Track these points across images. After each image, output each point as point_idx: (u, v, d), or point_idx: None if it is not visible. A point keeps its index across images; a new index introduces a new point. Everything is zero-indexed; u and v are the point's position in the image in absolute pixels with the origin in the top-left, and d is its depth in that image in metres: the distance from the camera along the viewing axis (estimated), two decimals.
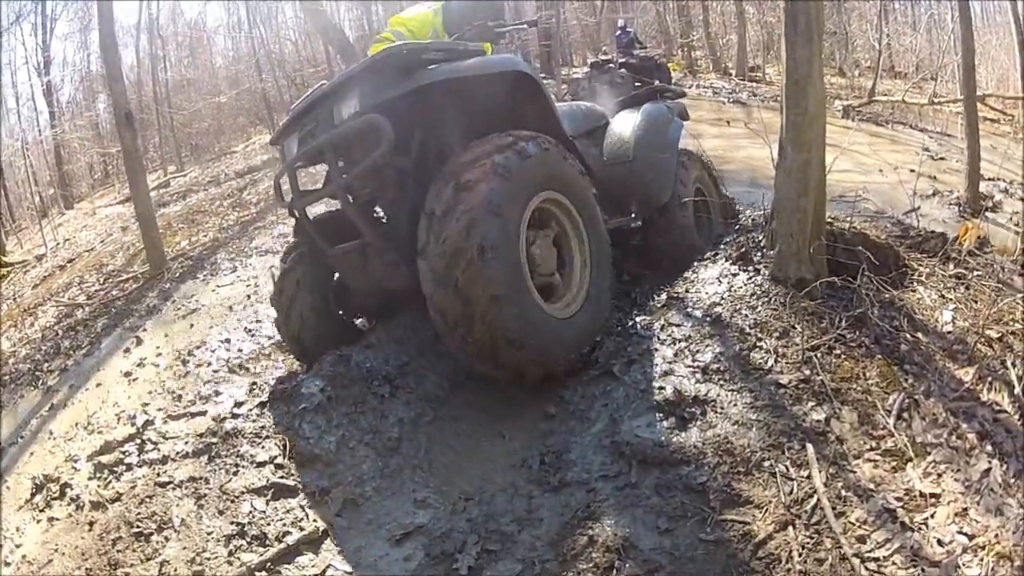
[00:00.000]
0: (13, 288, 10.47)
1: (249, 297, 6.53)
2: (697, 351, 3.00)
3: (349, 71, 3.69)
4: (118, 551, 3.07)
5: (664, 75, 6.73)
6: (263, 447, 3.53)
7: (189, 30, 28.88)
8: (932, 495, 2.10)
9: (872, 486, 2.19)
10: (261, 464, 3.41)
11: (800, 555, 2.01)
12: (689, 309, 3.34)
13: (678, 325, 3.25)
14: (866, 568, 1.92)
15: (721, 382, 2.78)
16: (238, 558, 2.87)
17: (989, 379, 2.50)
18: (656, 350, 3.13)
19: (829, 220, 3.38)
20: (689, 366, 2.92)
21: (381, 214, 4.41)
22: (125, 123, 8.84)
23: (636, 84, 6.01)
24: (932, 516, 2.03)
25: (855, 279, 3.03)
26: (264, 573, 2.77)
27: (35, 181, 20.98)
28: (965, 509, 2.04)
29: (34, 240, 15.17)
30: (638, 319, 3.50)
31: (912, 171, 3.95)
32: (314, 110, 3.79)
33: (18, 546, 3.49)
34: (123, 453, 3.94)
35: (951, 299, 3.06)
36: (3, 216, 17.99)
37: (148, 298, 7.26)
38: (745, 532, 2.17)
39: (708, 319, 3.18)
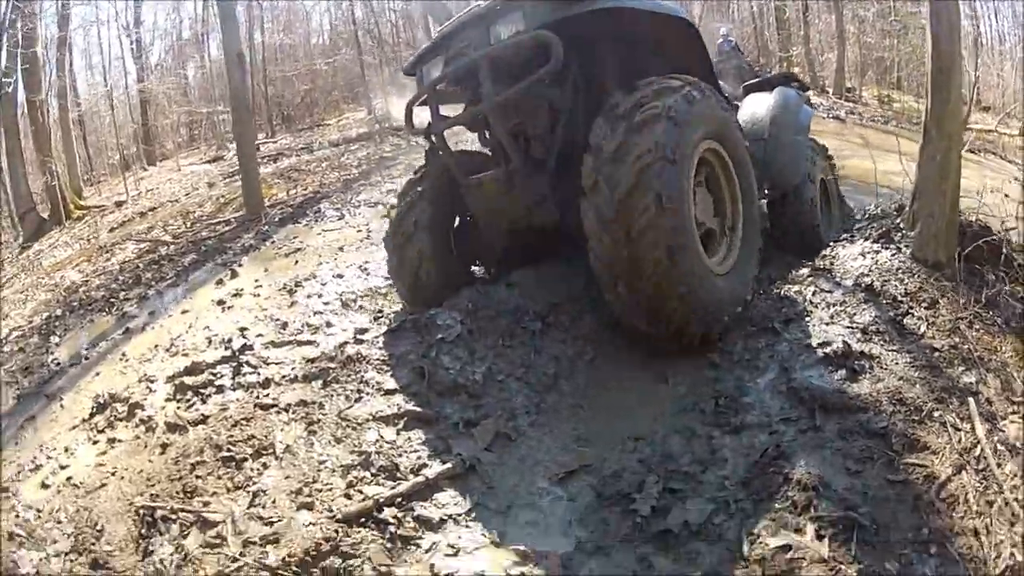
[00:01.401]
0: (88, 229, 10.72)
1: (362, 241, 6.42)
2: (854, 313, 3.31)
3: None
4: (197, 476, 2.75)
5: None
6: (392, 375, 3.25)
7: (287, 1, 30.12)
8: None
9: (1018, 444, 2.49)
10: (390, 392, 3.13)
11: (975, 497, 2.25)
12: (837, 278, 3.69)
13: (829, 291, 3.57)
14: (1019, 511, 2.19)
15: (881, 342, 3.07)
16: (360, 491, 2.53)
17: None
18: (811, 312, 3.41)
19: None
20: (848, 326, 3.21)
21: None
22: (236, 63, 9.16)
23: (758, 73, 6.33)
24: None
25: (979, 266, 3.58)
26: (393, 509, 2.44)
27: (118, 134, 21.89)
28: None
29: (114, 189, 15.68)
30: (784, 287, 3.78)
31: (1007, 196, 4.25)
32: (465, 31, 3.86)
33: (63, 467, 3.22)
34: (213, 375, 3.67)
35: None
36: (81, 162, 18.69)
37: (243, 238, 7.19)
38: (928, 475, 2.35)
39: (859, 287, 3.51)
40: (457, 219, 4.52)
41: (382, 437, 2.81)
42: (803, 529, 2.19)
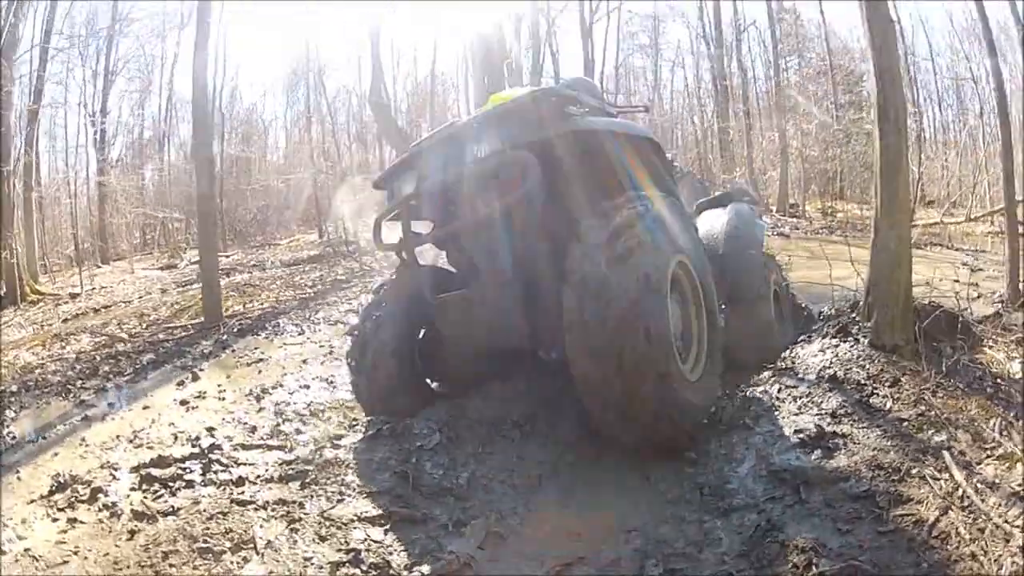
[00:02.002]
0: (43, 315, 10.37)
1: (326, 355, 6.37)
2: (821, 402, 3.47)
3: (491, 110, 3.82)
4: (171, 565, 2.65)
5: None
6: (374, 479, 3.22)
7: (247, 114, 30.75)
8: None
9: (998, 480, 2.62)
10: (374, 494, 3.09)
11: (965, 529, 2.40)
12: (800, 375, 3.85)
13: (794, 386, 3.70)
14: (1014, 530, 2.33)
15: (851, 422, 3.23)
16: None
17: None
18: (779, 406, 3.55)
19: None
20: (816, 413, 3.37)
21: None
22: (205, 166, 9.19)
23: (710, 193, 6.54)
24: None
25: (936, 343, 3.79)
26: None
27: (76, 225, 21.52)
28: None
29: (68, 281, 15.26)
30: (750, 390, 3.84)
31: (956, 281, 4.91)
32: (440, 148, 3.92)
33: (20, 538, 2.99)
34: (182, 469, 3.55)
35: (1016, 356, 3.80)
36: (38, 246, 18.21)
37: (202, 344, 7.04)
38: (916, 520, 2.49)
39: (823, 378, 3.68)
40: (422, 335, 4.47)
41: (369, 536, 2.75)
42: None
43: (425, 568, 2.55)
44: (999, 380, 3.53)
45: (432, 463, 3.31)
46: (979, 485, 2.62)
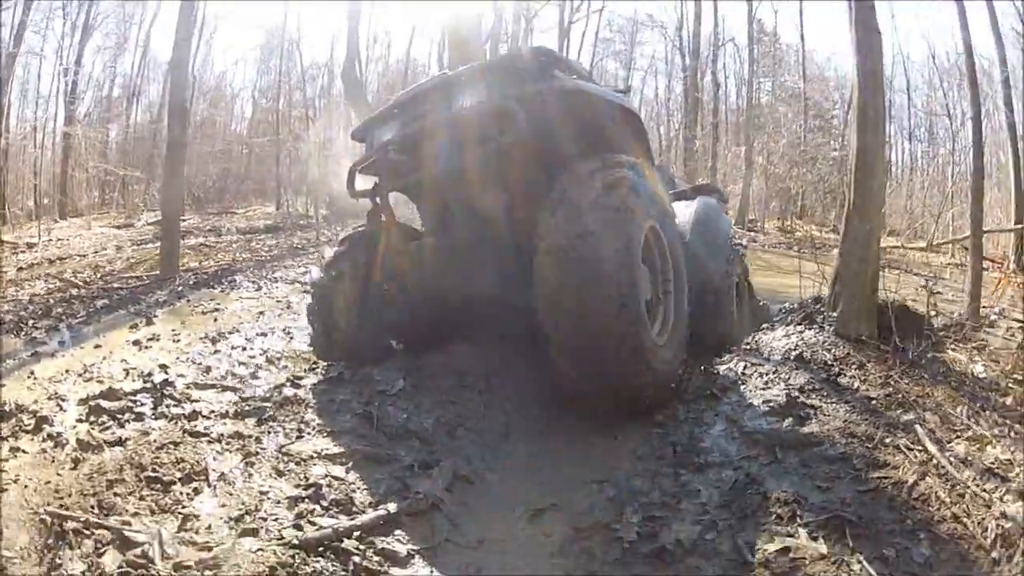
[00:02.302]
0: None
1: (283, 309, 6.24)
2: (788, 378, 3.50)
3: (478, 64, 3.91)
4: (115, 494, 2.46)
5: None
6: (334, 419, 3.09)
7: (217, 81, 30.12)
8: (1014, 462, 2.61)
9: (969, 458, 2.65)
10: (335, 433, 2.97)
11: (945, 494, 2.42)
12: (766, 355, 3.91)
13: (760, 364, 3.74)
14: (995, 498, 2.36)
15: (819, 397, 3.27)
16: (312, 522, 2.31)
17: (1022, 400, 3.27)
18: (746, 381, 3.58)
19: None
20: (784, 388, 3.37)
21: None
22: (178, 114, 9.00)
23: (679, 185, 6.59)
24: (1019, 473, 2.51)
25: (900, 339, 3.78)
26: (355, 541, 2.23)
27: (37, 175, 20.80)
28: None
29: (24, 231, 14.74)
30: (713, 367, 3.90)
31: (915, 300, 4.62)
32: (425, 98, 3.90)
33: None
34: (132, 402, 3.37)
35: (978, 360, 3.91)
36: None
37: (157, 294, 6.79)
38: (896, 481, 2.52)
39: (790, 358, 3.75)
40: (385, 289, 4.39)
41: (330, 473, 2.62)
42: (796, 534, 2.28)
43: (391, 506, 2.43)
44: (963, 377, 3.61)
45: (395, 407, 3.20)
46: (952, 459, 2.65)
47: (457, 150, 3.72)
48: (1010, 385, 3.55)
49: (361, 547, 2.19)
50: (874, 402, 3.20)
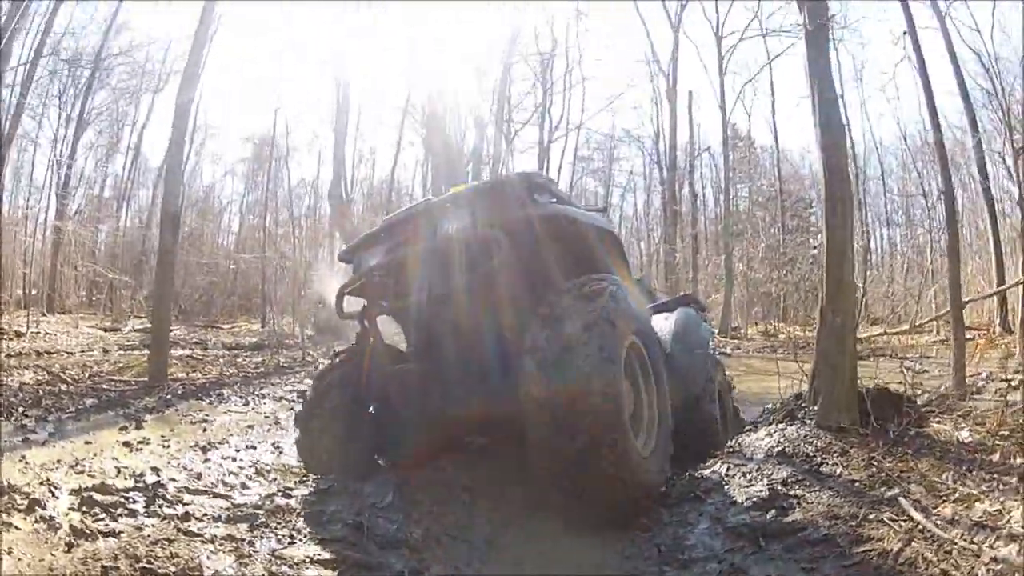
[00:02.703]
0: None
1: (272, 425, 6.31)
2: (771, 473, 3.62)
3: (463, 189, 4.03)
4: None
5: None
6: (325, 528, 3.18)
7: (206, 191, 30.89)
8: (1004, 511, 2.69)
9: (957, 517, 2.73)
10: (326, 540, 3.05)
11: (932, 554, 2.51)
12: (748, 454, 4.02)
13: (742, 464, 3.86)
14: (984, 547, 2.44)
15: (802, 487, 3.37)
16: None
17: (1010, 456, 3.32)
18: (729, 481, 3.70)
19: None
20: (767, 484, 3.50)
21: None
22: (170, 224, 9.13)
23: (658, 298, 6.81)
24: (1009, 519, 2.60)
25: (881, 422, 3.89)
26: None
27: (30, 267, 20.98)
28: None
29: (14, 321, 14.70)
30: (697, 472, 4.02)
31: (900, 383, 4.79)
32: (411, 224, 4.04)
33: None
34: (126, 498, 3.47)
35: (963, 426, 3.93)
36: None
37: (145, 400, 6.82)
38: (880, 552, 2.60)
39: (772, 455, 3.86)
40: (372, 408, 4.49)
41: None
42: None
43: None
44: (948, 445, 3.65)
45: (385, 519, 3.29)
46: (939, 522, 2.72)
47: (443, 276, 3.85)
48: (996, 443, 3.59)
49: None
50: (857, 484, 3.30)
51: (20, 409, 5.43)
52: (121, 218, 27.33)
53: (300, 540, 3.03)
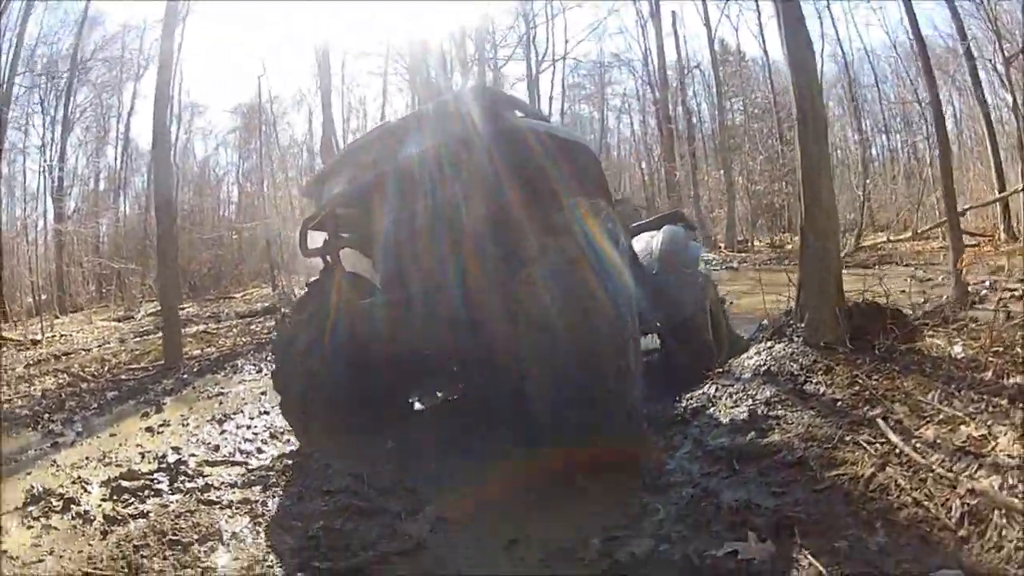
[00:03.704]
0: (6, 360, 10.29)
1: None
2: (755, 393, 3.65)
3: (426, 107, 3.88)
4: (142, 557, 2.83)
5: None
6: (331, 481, 3.46)
7: (200, 167, 30.91)
8: (991, 435, 2.58)
9: (940, 441, 2.65)
10: (332, 492, 3.33)
11: (905, 481, 2.46)
12: (736, 374, 4.04)
13: (730, 385, 3.91)
14: (962, 478, 2.36)
15: (784, 407, 3.38)
16: (315, 566, 2.66)
17: (1004, 373, 3.10)
18: (716, 403, 3.78)
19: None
20: (751, 404, 3.53)
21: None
22: (165, 208, 9.44)
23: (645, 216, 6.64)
24: (996, 445, 2.49)
25: (870, 339, 3.76)
26: None
27: (36, 273, 21.33)
28: (1021, 436, 2.49)
29: (28, 329, 15.05)
30: (689, 393, 4.10)
31: (903, 292, 4.83)
32: (372, 147, 3.89)
33: None
34: (151, 480, 3.79)
35: (957, 340, 3.72)
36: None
37: (164, 383, 7.19)
38: (853, 476, 2.61)
39: (758, 374, 3.86)
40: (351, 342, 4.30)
41: (330, 526, 2.96)
42: (745, 538, 2.40)
43: (380, 548, 2.76)
44: (939, 361, 3.50)
45: (384, 468, 3.56)
46: (918, 445, 2.66)
47: (406, 201, 3.76)
48: (989, 359, 3.38)
49: None
50: (840, 403, 3.25)
51: (46, 416, 5.73)
52: (120, 207, 27.40)
53: (308, 496, 3.31)
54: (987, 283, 8.17)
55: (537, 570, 2.55)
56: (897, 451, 2.67)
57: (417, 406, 5.01)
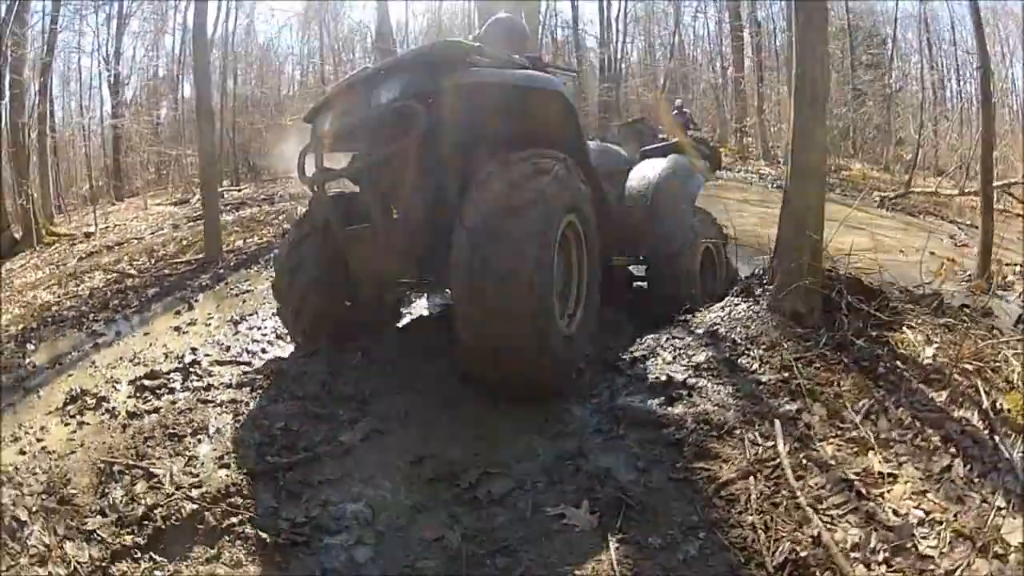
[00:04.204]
0: (59, 255, 11.22)
1: None
2: (692, 354, 3.72)
3: (395, 58, 4.11)
4: (147, 446, 3.54)
5: (713, 160, 7.07)
6: (304, 386, 4.11)
7: (261, 52, 31.00)
8: (891, 475, 2.46)
9: (833, 463, 2.60)
10: (300, 397, 3.98)
11: (757, 498, 2.43)
12: (692, 327, 4.09)
13: (679, 338, 3.99)
14: (820, 518, 2.27)
15: (709, 377, 3.45)
16: (266, 459, 3.36)
17: (960, 399, 2.84)
18: (658, 354, 3.88)
19: (828, 269, 3.91)
20: (683, 365, 3.63)
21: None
22: (207, 119, 9.89)
23: (662, 138, 6.52)
24: (888, 492, 2.36)
25: (843, 316, 3.56)
26: (291, 472, 3.26)
27: (91, 166, 22.38)
28: (924, 491, 2.38)
29: (83, 220, 16.02)
30: (648, 336, 4.19)
31: (932, 253, 4.50)
32: (353, 92, 4.11)
33: (39, 440, 3.95)
34: (167, 380, 4.60)
35: (936, 341, 3.36)
36: (54, 188, 18.99)
37: (201, 279, 8.02)
38: (710, 476, 2.69)
39: (707, 334, 3.90)
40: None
41: (288, 427, 3.63)
42: (579, 505, 2.66)
43: (318, 450, 3.41)
44: (902, 361, 3.22)
45: (348, 378, 4.13)
46: (805, 462, 2.57)
47: (375, 147, 4.02)
48: (954, 376, 3.00)
49: (290, 475, 3.21)
50: (762, 387, 3.20)
51: (90, 316, 6.63)
52: (179, 95, 27.71)
53: (282, 399, 3.96)
54: (1018, 269, 7.65)
55: (420, 488, 3.10)
56: (775, 462, 2.57)
57: (404, 322, 5.56)
